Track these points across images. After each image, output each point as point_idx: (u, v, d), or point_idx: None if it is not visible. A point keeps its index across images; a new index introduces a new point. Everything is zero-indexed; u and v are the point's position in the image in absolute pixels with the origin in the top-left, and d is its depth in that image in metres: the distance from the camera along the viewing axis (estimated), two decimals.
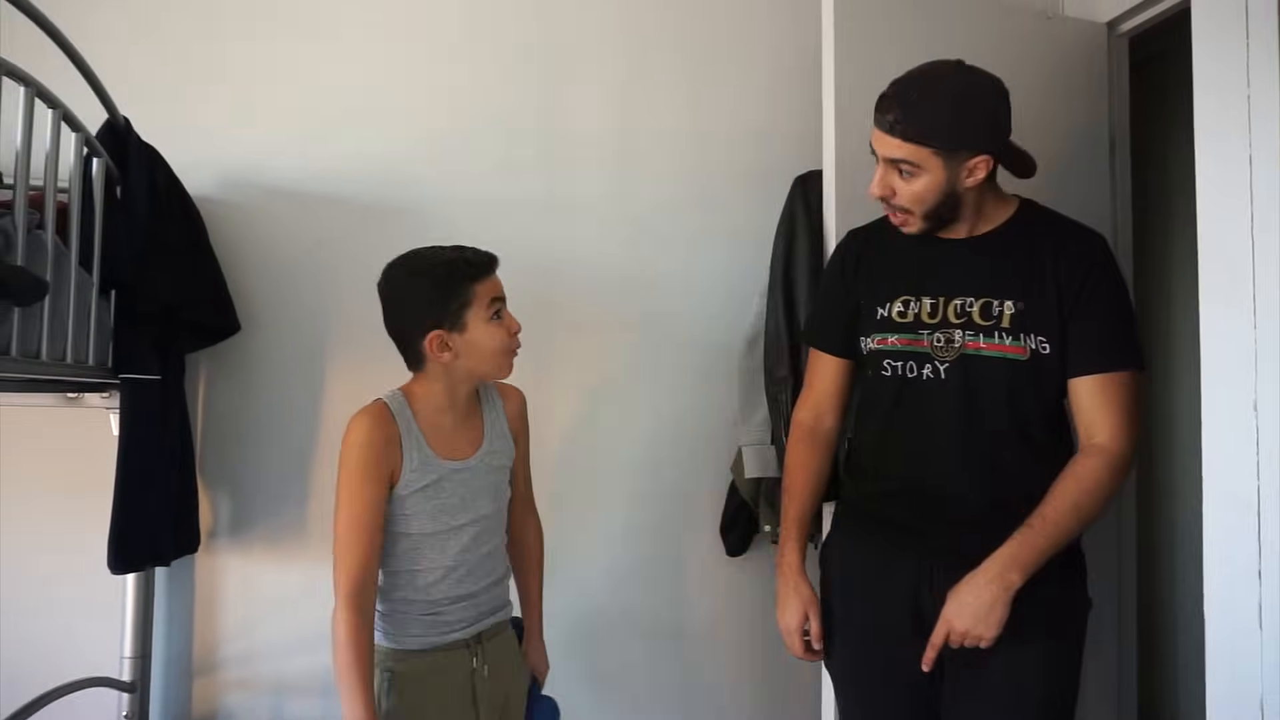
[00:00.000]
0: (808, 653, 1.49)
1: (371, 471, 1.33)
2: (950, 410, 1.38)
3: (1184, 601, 2.36)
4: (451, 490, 1.41)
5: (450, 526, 1.41)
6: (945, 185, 1.35)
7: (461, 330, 1.37)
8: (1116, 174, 2.05)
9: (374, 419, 1.36)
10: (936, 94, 1.32)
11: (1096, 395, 1.33)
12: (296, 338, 2.00)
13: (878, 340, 1.44)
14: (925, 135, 1.31)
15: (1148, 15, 1.97)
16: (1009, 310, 1.35)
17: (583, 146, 2.12)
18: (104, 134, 1.67)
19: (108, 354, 1.67)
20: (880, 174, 1.38)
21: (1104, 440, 1.32)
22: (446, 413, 1.43)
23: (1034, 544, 1.27)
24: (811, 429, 1.55)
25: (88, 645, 1.88)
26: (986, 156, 1.34)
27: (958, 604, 1.28)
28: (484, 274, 1.39)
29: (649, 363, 2.14)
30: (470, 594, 1.43)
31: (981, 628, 1.26)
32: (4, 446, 1.92)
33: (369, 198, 2.03)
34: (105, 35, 1.72)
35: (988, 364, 1.36)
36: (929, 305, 1.41)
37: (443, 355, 1.37)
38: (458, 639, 1.42)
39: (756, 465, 1.91)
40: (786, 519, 1.53)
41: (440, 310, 1.36)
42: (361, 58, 2.06)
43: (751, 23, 2.18)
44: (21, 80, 1.32)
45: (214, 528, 1.98)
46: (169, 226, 1.74)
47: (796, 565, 1.50)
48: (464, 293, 1.36)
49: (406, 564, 1.39)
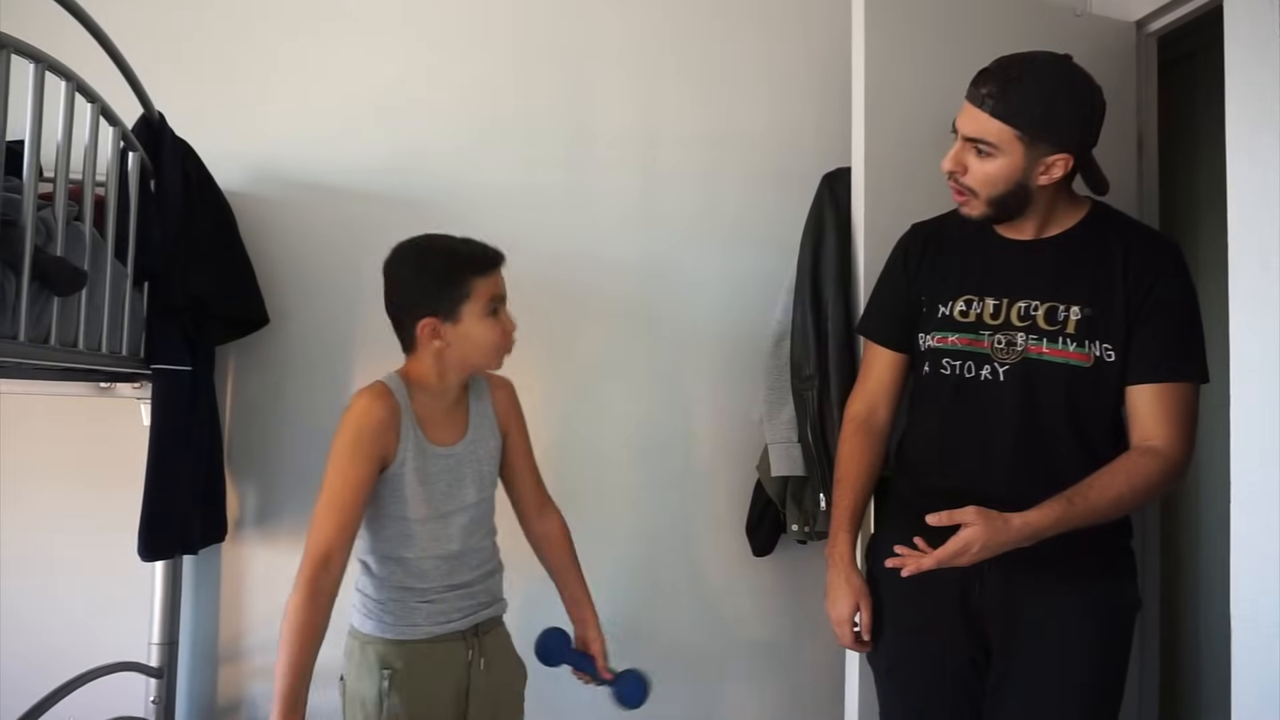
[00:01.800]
0: (857, 644, 1.49)
1: (364, 450, 1.33)
2: (1008, 413, 1.36)
3: (1209, 603, 2.34)
4: (438, 476, 1.41)
5: (442, 512, 1.41)
6: (1020, 175, 1.32)
7: (455, 321, 1.38)
8: (1144, 173, 2.04)
9: (376, 398, 1.37)
10: (1038, 79, 1.30)
11: (1153, 403, 1.32)
12: (324, 330, 2.03)
13: (938, 338, 1.43)
14: (1014, 115, 1.28)
15: (1177, 14, 1.96)
16: (1075, 316, 1.34)
17: (607, 143, 2.13)
18: (139, 128, 1.70)
19: (140, 344, 1.70)
20: (956, 149, 1.36)
21: (1160, 445, 1.30)
22: (437, 398, 1.44)
23: (1065, 521, 1.25)
24: (865, 421, 1.54)
25: (117, 631, 1.91)
26: (1066, 156, 1.31)
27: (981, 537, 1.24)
28: (487, 270, 1.40)
29: (672, 360, 2.14)
30: (466, 583, 1.44)
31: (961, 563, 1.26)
32: (37, 435, 1.96)
33: (396, 191, 2.05)
34: (140, 31, 1.74)
35: (1050, 369, 1.34)
36: (992, 306, 1.39)
37: (433, 343, 1.38)
38: (455, 629, 1.42)
39: (783, 464, 1.89)
40: (839, 509, 1.51)
41: (437, 299, 1.37)
42: (390, 54, 2.08)
43: (777, 20, 2.18)
44: (64, 75, 1.35)
45: (240, 518, 2.00)
46: (200, 220, 1.77)
47: (848, 556, 1.48)
48: (464, 285, 1.37)
49: (400, 550, 1.39)
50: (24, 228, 1.23)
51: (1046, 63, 1.32)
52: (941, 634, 1.40)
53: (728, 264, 2.14)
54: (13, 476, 1.94)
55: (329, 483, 1.33)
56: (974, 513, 1.25)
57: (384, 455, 1.36)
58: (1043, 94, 1.29)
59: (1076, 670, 1.31)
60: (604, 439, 2.12)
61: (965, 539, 1.25)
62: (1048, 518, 1.25)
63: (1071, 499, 1.26)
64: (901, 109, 1.77)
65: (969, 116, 1.33)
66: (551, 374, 2.08)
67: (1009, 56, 1.33)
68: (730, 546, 2.11)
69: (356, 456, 1.33)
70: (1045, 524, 1.25)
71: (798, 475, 1.89)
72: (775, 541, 2.06)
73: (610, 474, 2.12)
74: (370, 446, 1.34)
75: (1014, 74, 1.30)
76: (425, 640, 1.39)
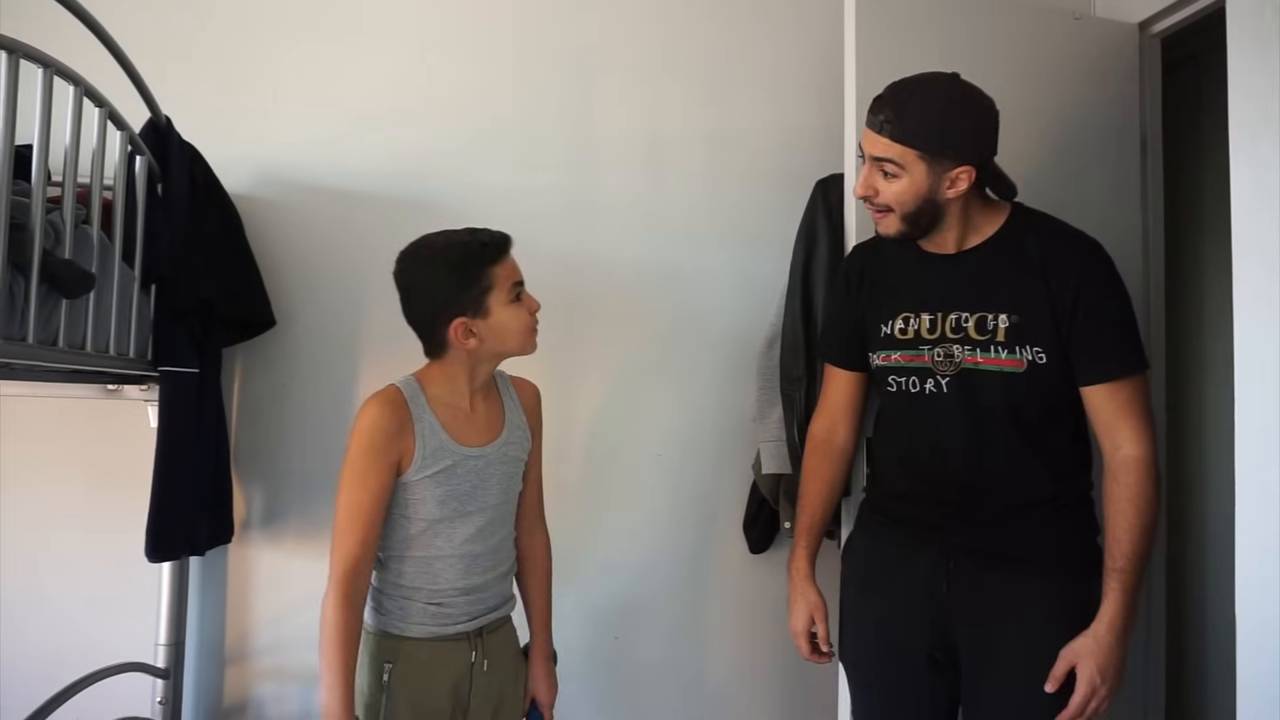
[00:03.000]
0: (814, 654, 1.55)
1: (379, 458, 1.33)
2: (954, 423, 1.42)
3: (1213, 604, 2.34)
4: (463, 476, 1.39)
5: (459, 513, 1.40)
6: (926, 191, 1.36)
7: (485, 315, 1.35)
8: (1148, 176, 2.03)
9: (386, 405, 1.35)
10: (927, 99, 1.35)
11: (1111, 402, 1.36)
12: (330, 333, 2.04)
13: (883, 357, 1.49)
14: (911, 136, 1.34)
15: (1180, 16, 1.95)
16: (1003, 324, 1.38)
17: (608, 146, 2.14)
18: (147, 132, 1.71)
19: (147, 347, 1.71)
20: (865, 174, 1.41)
21: (1131, 450, 1.35)
22: (465, 398, 1.42)
23: (1131, 585, 1.31)
24: (825, 440, 1.61)
25: (124, 632, 1.92)
26: (969, 168, 1.35)
27: (1100, 669, 1.29)
28: (501, 256, 1.38)
29: (671, 360, 2.15)
30: (477, 586, 1.43)
31: (1121, 681, 1.31)
32: (45, 437, 1.97)
33: (401, 194, 2.06)
34: (147, 36, 1.75)
35: (986, 377, 1.39)
36: (928, 321, 1.44)
37: (468, 342, 1.35)
38: (460, 630, 1.41)
39: (773, 462, 1.93)
40: (799, 526, 1.59)
41: (463, 297, 1.34)
42: (394, 58, 2.10)
43: (775, 25, 2.19)
44: (72, 80, 1.36)
45: (247, 519, 2.01)
46: (207, 223, 1.79)
47: (805, 571, 1.56)
48: (485, 278, 1.35)
49: (413, 549, 1.39)
50: (33, 231, 1.24)
51: (934, 82, 1.37)
52: (906, 631, 1.45)
53: (728, 265, 2.15)
54: (21, 478, 1.96)
55: (348, 494, 1.33)
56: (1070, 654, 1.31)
57: (399, 461, 1.35)
58: (933, 112, 1.34)
59: (1047, 669, 1.33)
60: (604, 438, 2.12)
61: (1085, 678, 1.30)
62: (1117, 599, 1.31)
63: (1117, 565, 1.32)
64: None
65: (870, 141, 1.38)
66: (550, 374, 2.07)
67: (898, 81, 1.38)
68: (728, 543, 2.12)
69: (372, 466, 1.33)
70: (1120, 605, 1.31)
71: (788, 473, 1.91)
72: (771, 539, 2.09)
73: (610, 471, 2.12)
74: (385, 455, 1.33)
75: (904, 97, 1.35)
76: (430, 639, 1.39)
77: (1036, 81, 1.39)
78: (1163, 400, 2.06)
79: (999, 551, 1.39)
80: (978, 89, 1.38)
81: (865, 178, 1.41)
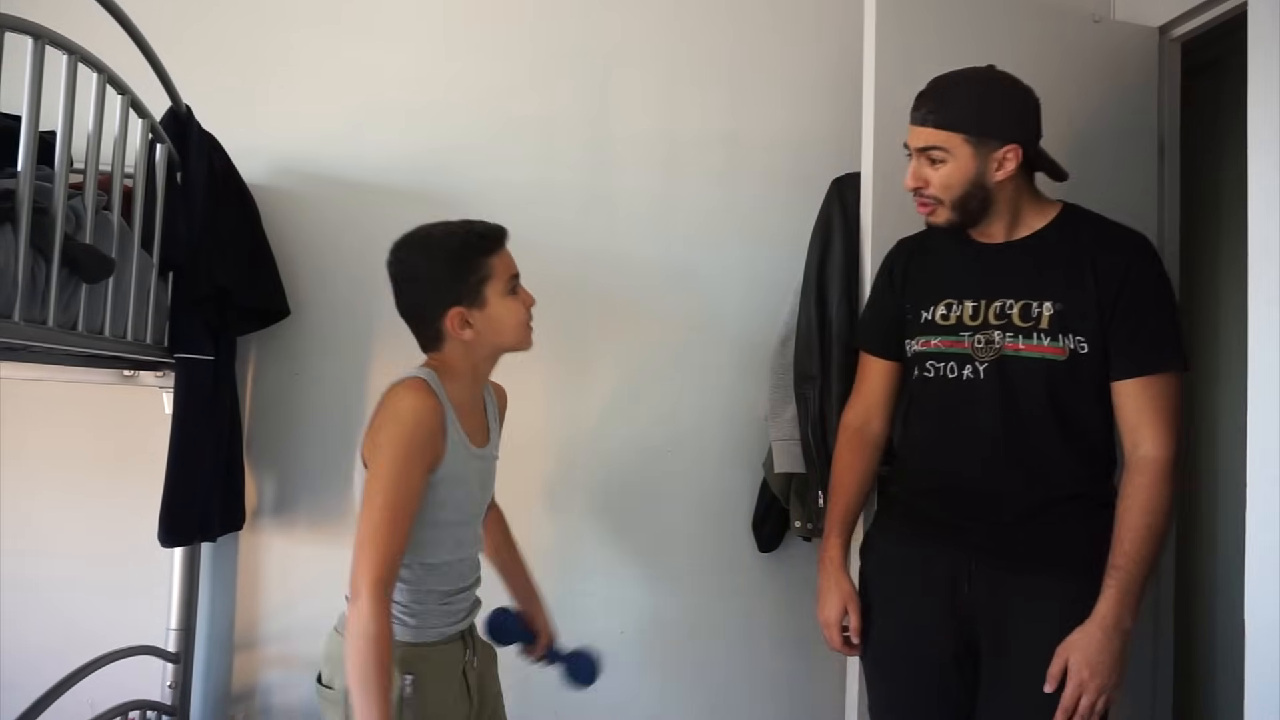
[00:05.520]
0: (845, 646, 1.53)
1: (421, 457, 1.25)
2: (989, 410, 1.40)
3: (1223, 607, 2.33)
4: (472, 478, 1.37)
5: (469, 516, 1.39)
6: (974, 174, 1.38)
7: (481, 306, 1.32)
8: (1165, 179, 2.03)
9: (428, 399, 1.26)
10: (966, 86, 1.40)
11: (1139, 398, 1.34)
12: (344, 323, 2.05)
13: (921, 342, 1.48)
14: (953, 121, 1.37)
15: (1201, 20, 1.94)
16: (1048, 311, 1.37)
17: (624, 144, 2.14)
18: (167, 121, 1.73)
19: (164, 333, 1.73)
20: (913, 167, 1.43)
21: (1150, 450, 1.33)
22: (468, 394, 1.38)
23: (1129, 584, 1.29)
24: (859, 431, 1.59)
25: (135, 616, 1.94)
26: (1015, 146, 1.37)
27: (1088, 662, 1.28)
28: (497, 247, 1.35)
29: (682, 358, 2.15)
30: (471, 585, 1.43)
31: (1115, 678, 1.29)
32: (60, 422, 1.99)
33: (416, 187, 2.07)
34: (169, 26, 1.77)
35: (1026, 364, 1.38)
36: (970, 308, 1.44)
37: (464, 333, 1.31)
38: (458, 630, 1.39)
39: (785, 461, 1.93)
40: (831, 515, 1.57)
41: (459, 287, 1.31)
42: (412, 51, 2.11)
43: (793, 28, 2.19)
44: (95, 67, 1.37)
45: (258, 506, 2.03)
46: (224, 212, 1.80)
47: (838, 560, 1.54)
48: (481, 268, 1.32)
49: (430, 554, 1.33)
50: (55, 215, 1.25)
51: (972, 72, 1.42)
52: (929, 632, 1.43)
53: (743, 264, 2.15)
54: (36, 462, 1.98)
55: (388, 491, 1.22)
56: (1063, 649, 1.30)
57: (435, 457, 1.29)
58: (973, 96, 1.39)
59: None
60: (615, 434, 2.13)
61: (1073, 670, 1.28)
62: (1111, 596, 1.29)
63: (1115, 563, 1.31)
64: None
65: (915, 135, 1.42)
66: (564, 370, 2.10)
67: (938, 76, 1.42)
68: (737, 542, 2.13)
69: (413, 463, 1.24)
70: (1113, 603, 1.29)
71: (800, 472, 1.91)
72: (781, 538, 2.09)
73: (621, 469, 2.13)
74: (426, 454, 1.26)
75: (944, 87, 1.41)
76: (440, 642, 1.36)
77: (1055, 83, 1.39)
78: None
79: (1022, 552, 1.37)
80: (1014, 76, 1.41)
81: (914, 170, 1.43)
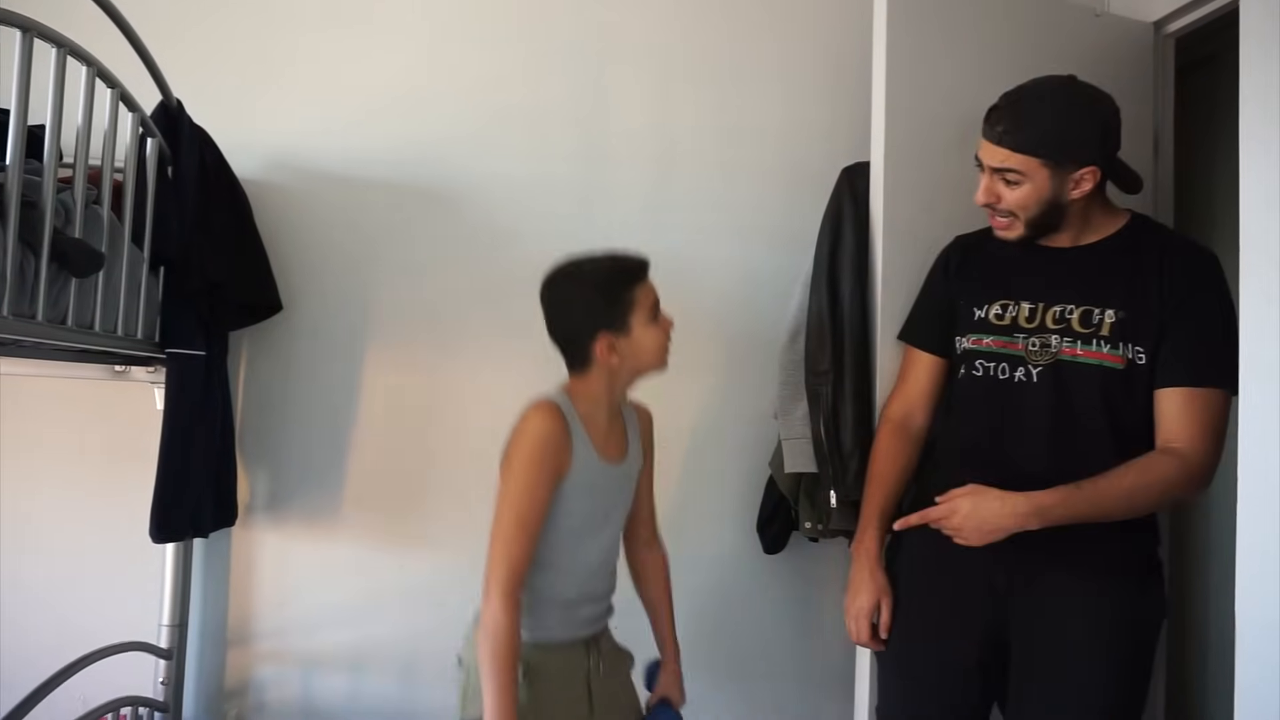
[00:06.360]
0: (872, 640, 1.49)
1: (547, 469, 1.36)
2: (1040, 414, 1.38)
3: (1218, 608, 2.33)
4: (604, 491, 1.45)
5: (600, 526, 1.45)
6: (1050, 195, 1.36)
7: (626, 333, 1.41)
8: (1159, 174, 2.03)
9: (553, 418, 1.38)
10: (1046, 105, 1.34)
11: (1179, 407, 1.31)
12: (336, 318, 2.04)
13: (972, 340, 1.46)
14: (1033, 146, 1.33)
15: (1196, 16, 1.94)
16: (1109, 319, 1.35)
17: (621, 137, 2.13)
18: (158, 115, 1.72)
19: (155, 328, 1.72)
20: (986, 182, 1.40)
21: (1181, 446, 1.30)
22: (604, 414, 1.47)
23: (1072, 505, 1.27)
24: (901, 424, 1.56)
25: (127, 612, 1.94)
26: (1094, 168, 1.34)
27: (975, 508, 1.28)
28: (641, 278, 1.44)
29: (680, 355, 2.12)
30: (601, 594, 1.48)
31: (975, 537, 1.29)
32: (51, 418, 1.99)
33: (408, 181, 2.06)
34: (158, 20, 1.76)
35: (1083, 370, 1.35)
36: (1027, 310, 1.42)
37: (611, 358, 1.41)
38: (580, 637, 1.45)
39: (797, 460, 1.87)
40: (869, 506, 1.53)
41: (608, 315, 1.41)
42: (404, 46, 2.10)
43: (789, 21, 2.18)
44: (85, 60, 1.37)
45: (251, 502, 2.02)
46: (216, 207, 1.79)
47: (875, 552, 1.50)
48: (627, 297, 1.41)
49: (556, 559, 1.41)
50: (44, 209, 1.25)
51: (1052, 87, 1.36)
52: (956, 635, 1.41)
53: (741, 259, 2.14)
54: (27, 458, 1.97)
55: (516, 501, 1.35)
56: (969, 487, 1.30)
57: (561, 471, 1.39)
58: (1054, 117, 1.34)
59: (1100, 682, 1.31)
60: None
61: (953, 502, 1.30)
62: (1051, 496, 1.27)
63: (1080, 485, 1.28)
64: (921, 105, 1.77)
65: (989, 152, 1.37)
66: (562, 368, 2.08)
67: (1013, 90, 1.38)
68: (741, 543, 2.11)
69: (540, 475, 1.36)
70: (1049, 502, 1.26)
71: (810, 472, 1.86)
72: (786, 539, 2.05)
73: None
74: (552, 465, 1.37)
75: (1021, 106, 1.35)
76: (556, 643, 1.42)
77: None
78: None
79: (1061, 557, 1.32)
80: (1094, 88, 1.37)
81: (987, 186, 1.40)
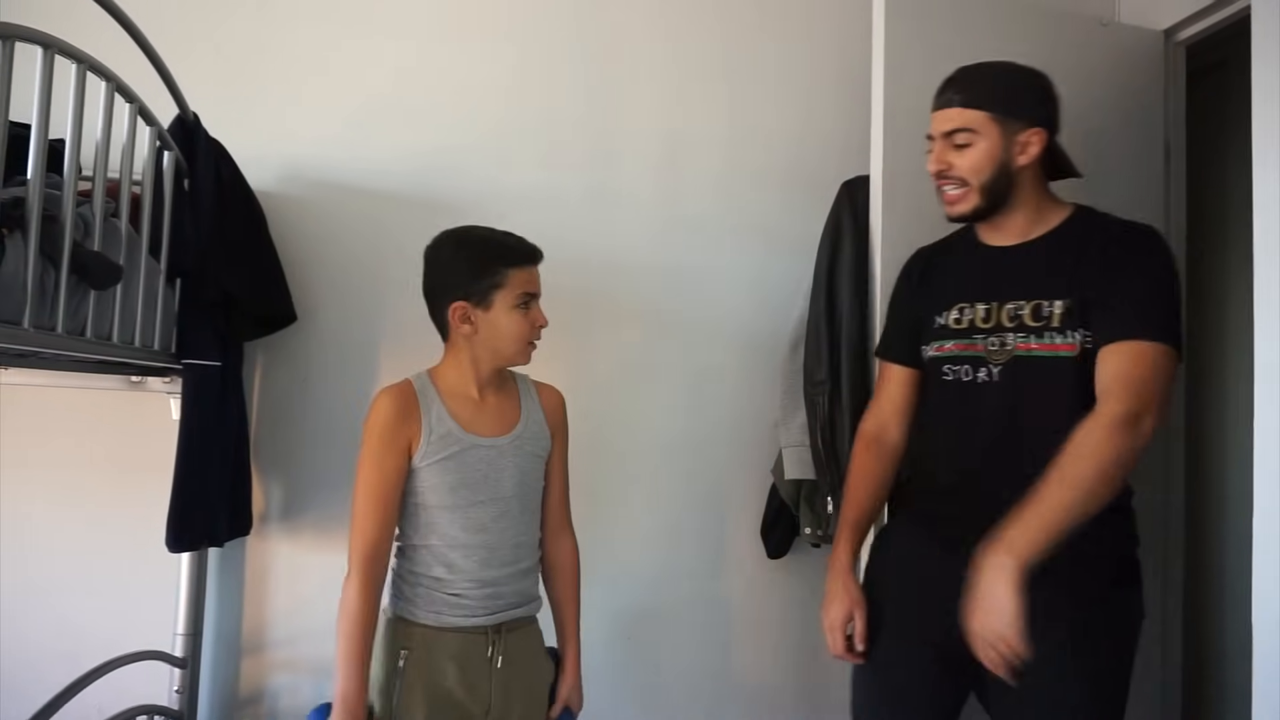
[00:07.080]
0: (848, 652, 1.50)
1: (389, 443, 1.40)
2: (1003, 411, 1.39)
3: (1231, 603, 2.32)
4: (474, 465, 1.44)
5: (471, 501, 1.43)
6: (1000, 156, 1.39)
7: (486, 308, 1.43)
8: (1171, 181, 2.03)
9: (393, 394, 1.43)
10: (990, 69, 1.43)
11: (1109, 362, 1.28)
12: (350, 328, 2.06)
13: (936, 347, 1.48)
14: (980, 100, 1.39)
15: (1206, 24, 1.95)
16: (1058, 309, 1.36)
17: (629, 144, 2.15)
18: (175, 128, 1.74)
19: (172, 340, 1.73)
20: (937, 151, 1.44)
21: (1104, 405, 1.25)
22: (474, 388, 1.48)
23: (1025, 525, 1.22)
24: (876, 438, 1.58)
25: (143, 621, 1.94)
26: (1039, 131, 1.39)
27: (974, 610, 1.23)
28: (522, 262, 1.44)
29: (685, 360, 2.15)
30: (494, 580, 1.44)
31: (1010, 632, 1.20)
32: (68, 429, 2.00)
33: (422, 192, 2.08)
34: (176, 35, 1.78)
35: (1039, 364, 1.37)
36: (982, 311, 1.44)
37: (462, 327, 1.42)
38: (478, 624, 1.43)
39: (796, 467, 1.91)
40: (843, 521, 1.56)
41: (471, 283, 1.42)
42: (417, 55, 2.12)
43: (795, 28, 2.20)
44: (104, 75, 1.39)
45: (265, 512, 2.03)
46: (232, 218, 1.81)
47: (846, 564, 1.52)
48: (497, 274, 1.42)
49: (429, 536, 1.43)
50: (63, 223, 1.26)
51: (994, 61, 1.45)
52: (927, 633, 1.41)
53: (749, 267, 2.15)
54: (45, 468, 1.99)
55: (363, 477, 1.40)
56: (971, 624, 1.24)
57: (409, 446, 1.42)
58: (998, 78, 1.42)
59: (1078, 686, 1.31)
60: (621, 439, 2.13)
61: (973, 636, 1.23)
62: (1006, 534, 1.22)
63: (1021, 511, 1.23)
64: (921, 120, 1.76)
65: (940, 119, 1.44)
66: (569, 374, 2.08)
67: (961, 67, 1.45)
68: (745, 548, 2.12)
69: (384, 450, 1.40)
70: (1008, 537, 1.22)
71: (810, 479, 1.90)
72: (790, 544, 2.07)
73: (627, 474, 2.13)
74: (394, 439, 1.40)
75: (970, 72, 1.44)
76: (448, 629, 1.42)
77: (1062, 86, 1.40)
78: (1182, 404, 2.04)
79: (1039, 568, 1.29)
80: (1035, 68, 1.44)
81: (938, 154, 1.44)
